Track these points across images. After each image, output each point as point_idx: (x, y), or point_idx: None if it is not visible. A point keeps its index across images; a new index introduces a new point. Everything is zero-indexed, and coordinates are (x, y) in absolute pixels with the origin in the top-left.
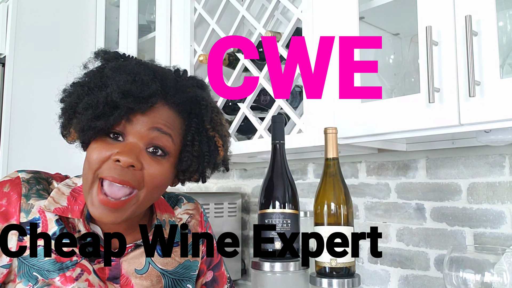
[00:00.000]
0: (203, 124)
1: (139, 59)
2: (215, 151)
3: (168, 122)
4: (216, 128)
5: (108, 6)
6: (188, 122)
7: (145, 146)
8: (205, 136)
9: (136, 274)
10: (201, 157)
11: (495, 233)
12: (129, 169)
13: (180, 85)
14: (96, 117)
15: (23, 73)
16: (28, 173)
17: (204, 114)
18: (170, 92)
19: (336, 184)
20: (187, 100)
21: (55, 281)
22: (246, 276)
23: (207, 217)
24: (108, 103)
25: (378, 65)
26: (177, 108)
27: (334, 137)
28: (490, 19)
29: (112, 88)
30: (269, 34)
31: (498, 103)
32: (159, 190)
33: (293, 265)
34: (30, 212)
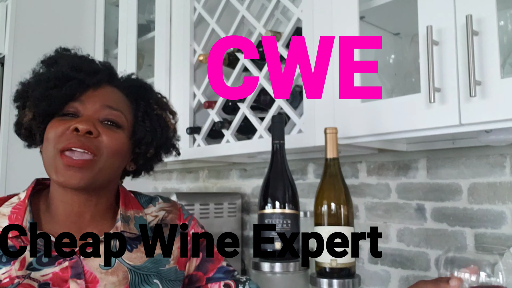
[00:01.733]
0: (150, 105)
1: None
2: (166, 126)
3: (117, 101)
4: (163, 107)
5: (108, 6)
6: (136, 104)
7: (99, 119)
8: (155, 115)
9: (101, 269)
10: (153, 131)
11: (496, 233)
12: (87, 137)
13: (124, 76)
14: (49, 87)
15: (22, 72)
16: None
17: (149, 96)
18: (115, 77)
19: (336, 184)
20: (132, 85)
21: None
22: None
23: (189, 213)
24: (59, 77)
25: (379, 65)
26: (124, 91)
27: (334, 137)
28: (490, 18)
29: (62, 63)
30: (269, 34)
31: (499, 103)
32: (118, 158)
33: (293, 265)
34: None
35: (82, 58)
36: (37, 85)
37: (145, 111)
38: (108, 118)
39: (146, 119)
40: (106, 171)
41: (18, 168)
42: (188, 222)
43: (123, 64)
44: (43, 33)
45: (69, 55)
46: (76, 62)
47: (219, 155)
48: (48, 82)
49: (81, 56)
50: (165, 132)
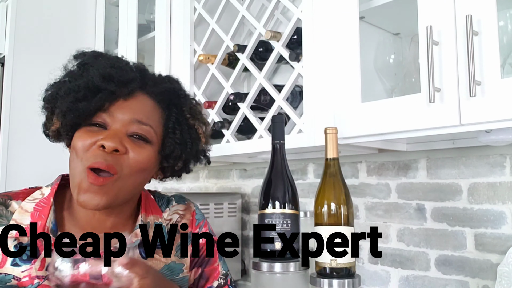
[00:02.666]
0: (183, 113)
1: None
2: (197, 138)
3: (148, 113)
4: (196, 116)
5: (108, 6)
6: (168, 112)
7: (127, 134)
8: (186, 125)
9: None
10: (184, 144)
11: (495, 233)
12: (113, 154)
13: (157, 79)
14: (78, 99)
15: (22, 72)
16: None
17: (183, 103)
18: (149, 83)
19: (336, 184)
20: (165, 91)
21: None
22: (246, 276)
23: (203, 215)
24: (89, 87)
25: (379, 65)
26: (157, 98)
27: (334, 137)
28: (490, 18)
29: (92, 73)
30: (269, 34)
31: (499, 103)
32: (144, 175)
33: (293, 265)
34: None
35: (115, 65)
36: (66, 95)
37: (177, 120)
38: (137, 133)
39: (177, 129)
40: (128, 189)
41: (18, 167)
42: (199, 229)
43: None
44: (43, 33)
45: (101, 61)
46: (107, 71)
47: (219, 155)
48: (78, 93)
49: (113, 63)
50: (195, 144)
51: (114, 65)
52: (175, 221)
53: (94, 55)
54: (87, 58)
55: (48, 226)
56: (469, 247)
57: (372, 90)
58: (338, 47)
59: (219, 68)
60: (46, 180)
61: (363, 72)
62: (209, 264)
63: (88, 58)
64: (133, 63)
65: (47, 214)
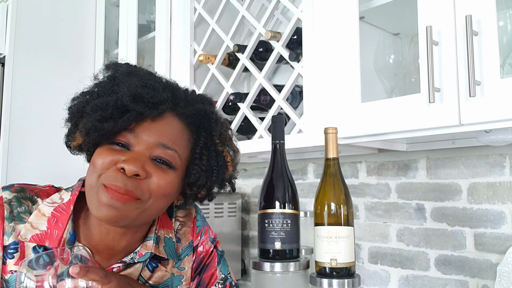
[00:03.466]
0: (212, 138)
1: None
2: (224, 166)
3: (175, 136)
4: (226, 143)
5: (108, 6)
6: (197, 135)
7: (151, 157)
8: (214, 151)
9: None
10: (209, 172)
11: (495, 233)
12: (133, 179)
13: (189, 98)
14: (104, 119)
15: (22, 73)
16: (12, 192)
17: (213, 128)
18: (180, 103)
19: (336, 184)
20: (197, 113)
21: None
22: (246, 276)
23: (204, 221)
24: (117, 106)
25: (379, 65)
26: (186, 120)
27: (334, 137)
28: (490, 19)
29: (123, 91)
30: (269, 34)
31: (499, 103)
32: (166, 200)
33: (293, 265)
34: (11, 235)
35: (147, 84)
36: (93, 112)
37: (205, 145)
38: (161, 158)
39: (204, 155)
40: (150, 213)
41: (19, 167)
42: (200, 237)
43: None
44: (43, 33)
45: (133, 80)
46: (138, 91)
47: None
48: (105, 111)
49: (146, 82)
50: (221, 173)
51: (146, 84)
52: (176, 229)
53: (127, 71)
54: (120, 74)
55: (65, 237)
56: (468, 247)
57: (372, 90)
58: (338, 47)
59: (219, 68)
60: (46, 180)
61: (363, 72)
62: (207, 270)
63: (121, 74)
64: (166, 80)
65: (65, 224)
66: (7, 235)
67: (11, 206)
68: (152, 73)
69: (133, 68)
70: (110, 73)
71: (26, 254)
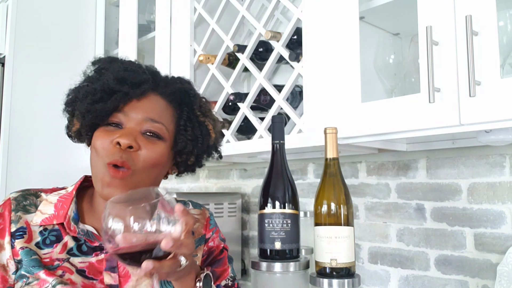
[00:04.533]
0: (194, 111)
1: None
2: (207, 134)
3: (160, 112)
4: (206, 114)
5: (108, 6)
6: (180, 110)
7: (141, 131)
8: (196, 122)
9: None
10: (195, 140)
11: (495, 233)
12: (128, 151)
13: (168, 80)
14: (95, 101)
15: (22, 72)
16: (17, 193)
17: (193, 102)
18: (160, 84)
19: (336, 184)
20: (176, 91)
21: (40, 274)
22: (246, 276)
23: (216, 224)
24: (105, 89)
25: (379, 65)
26: (168, 98)
27: (334, 137)
28: (490, 18)
29: (107, 76)
30: (269, 34)
31: (499, 103)
32: (158, 169)
33: (293, 265)
34: (18, 222)
35: (128, 68)
36: (84, 97)
37: (188, 118)
38: (150, 130)
39: (188, 126)
40: (145, 182)
41: (19, 166)
42: (212, 233)
43: None
44: (43, 33)
45: (115, 65)
46: (121, 74)
47: None
48: (95, 95)
49: (127, 66)
50: (206, 140)
51: (127, 68)
52: None
53: (109, 60)
54: (103, 63)
55: (69, 215)
56: (468, 247)
57: (372, 90)
58: (338, 47)
59: (219, 68)
60: (47, 179)
61: (363, 72)
62: (220, 265)
63: (104, 63)
64: (146, 66)
65: (69, 205)
66: (14, 223)
67: (17, 201)
68: (132, 61)
69: (115, 58)
70: (95, 67)
71: (32, 238)
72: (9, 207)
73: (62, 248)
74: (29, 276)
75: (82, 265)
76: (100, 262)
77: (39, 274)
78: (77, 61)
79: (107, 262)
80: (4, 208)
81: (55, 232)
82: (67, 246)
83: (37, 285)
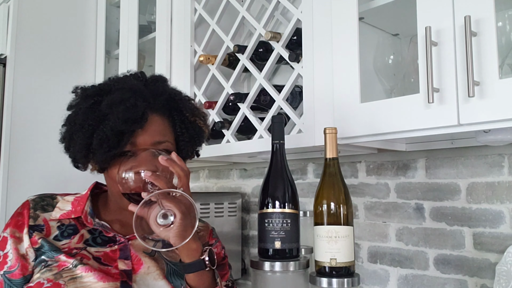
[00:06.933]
0: (183, 113)
1: (113, 78)
2: (201, 131)
3: (161, 130)
4: (194, 113)
5: (109, 7)
6: (172, 118)
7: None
8: (188, 123)
9: (145, 254)
10: (192, 140)
11: (494, 232)
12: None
13: (151, 88)
14: (110, 147)
15: (24, 73)
16: (34, 196)
17: (181, 106)
18: (150, 100)
19: (335, 184)
20: (165, 101)
21: (60, 257)
22: (246, 276)
23: (217, 235)
24: (115, 132)
25: (378, 66)
26: (161, 111)
27: (334, 137)
28: (489, 19)
29: (114, 121)
30: (269, 35)
31: (497, 103)
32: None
33: (293, 264)
34: (36, 220)
35: (127, 105)
36: (99, 145)
37: (181, 122)
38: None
39: (183, 129)
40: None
41: (20, 167)
42: (215, 242)
43: (124, 65)
44: (44, 34)
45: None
46: (125, 115)
47: (219, 155)
48: (109, 141)
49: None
50: (201, 137)
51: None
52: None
53: (109, 105)
54: (104, 106)
55: (86, 210)
56: (467, 246)
57: (372, 90)
58: (337, 47)
59: (219, 68)
60: (48, 180)
61: (363, 73)
62: (222, 269)
63: (105, 106)
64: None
65: (85, 202)
66: (33, 219)
67: (35, 202)
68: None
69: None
70: (81, 98)
71: (51, 232)
72: (27, 207)
73: (79, 239)
74: (49, 260)
75: (98, 253)
76: (114, 252)
77: (60, 257)
78: (78, 62)
79: (120, 251)
80: (23, 208)
81: (71, 227)
82: (84, 238)
83: (57, 267)
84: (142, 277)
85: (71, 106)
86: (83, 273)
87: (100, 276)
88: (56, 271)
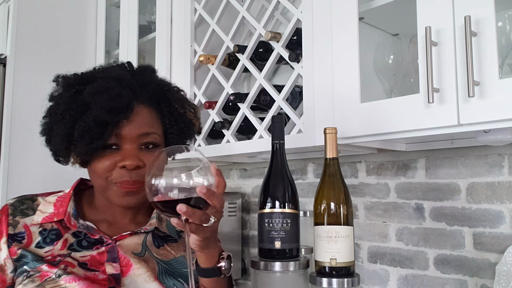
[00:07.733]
0: (172, 105)
1: (98, 67)
2: (190, 123)
3: (148, 121)
4: (183, 104)
5: (109, 7)
6: (160, 109)
7: (139, 146)
8: (178, 115)
9: (134, 255)
10: (182, 133)
11: (494, 232)
12: (135, 170)
13: (138, 78)
14: (93, 138)
15: (24, 73)
16: (13, 199)
17: (170, 97)
18: (137, 90)
19: (335, 184)
20: (153, 92)
21: (42, 267)
22: (246, 276)
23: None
24: (98, 123)
25: (378, 66)
26: (149, 102)
27: (334, 137)
28: (489, 19)
29: (97, 110)
30: (269, 35)
31: (497, 103)
32: None
33: (293, 264)
34: (16, 227)
35: (111, 93)
36: (81, 136)
37: (170, 113)
38: (146, 143)
39: (172, 121)
40: None
41: (20, 167)
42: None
43: None
44: (44, 34)
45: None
46: (109, 105)
47: (219, 155)
48: (91, 132)
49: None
50: (191, 130)
51: (110, 94)
52: None
53: (91, 93)
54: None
55: (69, 211)
56: (467, 246)
57: (372, 90)
58: (337, 47)
59: (219, 68)
60: (48, 180)
61: (363, 73)
62: None
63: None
64: (116, 76)
65: (67, 203)
66: (12, 227)
67: (14, 206)
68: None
69: (97, 84)
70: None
71: (33, 239)
72: (6, 212)
73: (63, 245)
74: (30, 270)
75: (84, 258)
76: (101, 254)
77: (42, 267)
78: (78, 62)
79: (108, 253)
80: (1, 214)
81: (54, 231)
82: (68, 242)
83: (39, 277)
84: (132, 279)
85: (52, 97)
86: (67, 284)
87: (86, 285)
88: (38, 282)
